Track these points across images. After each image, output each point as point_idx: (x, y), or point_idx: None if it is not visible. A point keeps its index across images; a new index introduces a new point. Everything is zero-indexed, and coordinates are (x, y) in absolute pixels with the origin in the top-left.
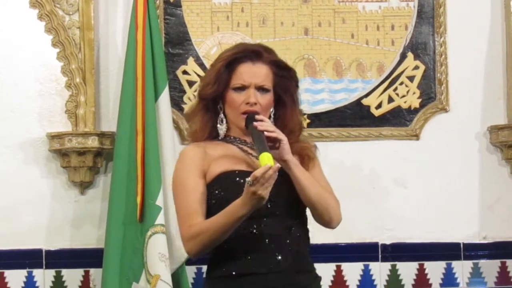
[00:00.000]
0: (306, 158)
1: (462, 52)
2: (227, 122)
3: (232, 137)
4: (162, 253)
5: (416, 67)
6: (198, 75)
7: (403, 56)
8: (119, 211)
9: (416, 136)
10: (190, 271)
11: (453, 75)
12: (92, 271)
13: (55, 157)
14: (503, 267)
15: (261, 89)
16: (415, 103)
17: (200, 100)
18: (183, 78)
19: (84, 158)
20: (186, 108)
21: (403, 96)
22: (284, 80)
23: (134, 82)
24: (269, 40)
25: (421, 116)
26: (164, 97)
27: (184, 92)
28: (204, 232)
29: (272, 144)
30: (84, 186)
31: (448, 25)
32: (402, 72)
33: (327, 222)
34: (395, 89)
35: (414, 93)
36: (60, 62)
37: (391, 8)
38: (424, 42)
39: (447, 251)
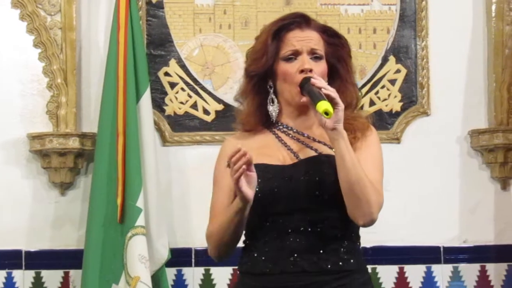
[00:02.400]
0: (352, 136)
1: (444, 56)
2: (278, 103)
3: (279, 124)
4: (142, 254)
5: (398, 71)
6: (180, 77)
7: (385, 60)
8: (100, 213)
9: (397, 140)
10: (170, 273)
11: (435, 79)
12: (72, 272)
13: (35, 158)
14: (483, 271)
15: (314, 55)
16: (397, 107)
17: (250, 79)
18: (164, 80)
19: (64, 159)
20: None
21: (385, 99)
22: (337, 48)
23: (115, 83)
24: (251, 42)
25: (403, 120)
26: (146, 99)
27: (165, 93)
28: (212, 234)
29: None
30: (64, 187)
31: (430, 29)
32: (383, 76)
33: (356, 216)
34: (377, 93)
35: (395, 96)
36: (41, 63)
37: (373, 11)
38: (406, 46)
39: (427, 255)
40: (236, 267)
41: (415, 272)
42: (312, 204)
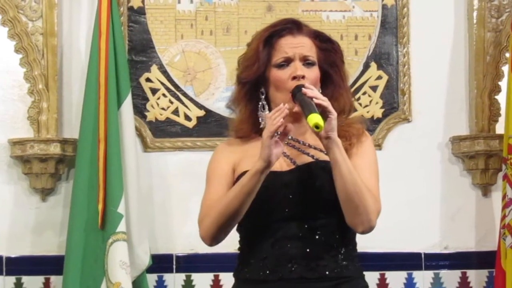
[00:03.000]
0: (347, 143)
1: (425, 62)
2: (269, 110)
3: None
4: (123, 260)
5: (379, 77)
6: (162, 83)
7: (366, 66)
8: (81, 218)
9: (379, 146)
10: (151, 279)
11: (416, 86)
12: (53, 278)
13: (16, 164)
14: (464, 278)
15: (306, 61)
16: (378, 113)
17: (242, 86)
18: (146, 86)
19: (46, 165)
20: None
21: (366, 105)
22: (329, 54)
23: (97, 89)
24: (233, 49)
25: (384, 126)
26: (127, 105)
27: (147, 99)
28: (213, 208)
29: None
30: (45, 193)
31: (412, 35)
32: (365, 82)
33: (355, 224)
34: (358, 99)
35: (377, 103)
36: (22, 68)
37: (354, 18)
38: (387, 52)
39: (408, 261)
40: (217, 273)
41: (396, 279)
42: (310, 210)
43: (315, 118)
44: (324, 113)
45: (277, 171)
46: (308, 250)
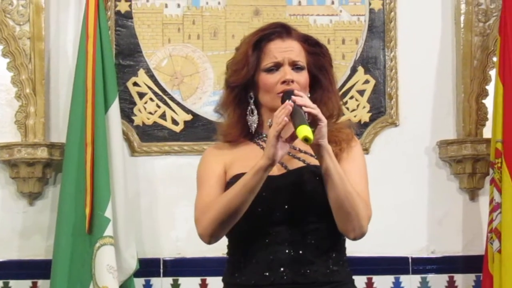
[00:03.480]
0: (337, 148)
1: (412, 66)
2: (258, 114)
3: (262, 135)
4: (110, 264)
5: (367, 81)
6: (149, 87)
7: (353, 70)
8: (68, 223)
9: (366, 150)
10: (139, 283)
11: (403, 90)
12: (40, 282)
13: (4, 168)
14: (451, 282)
15: (295, 66)
16: (365, 117)
17: (230, 90)
18: (133, 90)
19: (33, 169)
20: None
21: (353, 110)
22: (318, 58)
23: (84, 93)
24: (220, 53)
25: (371, 130)
26: (114, 109)
27: (134, 104)
28: (214, 205)
29: (309, 123)
30: (33, 197)
31: (399, 39)
32: (352, 86)
33: (347, 230)
34: (345, 103)
35: (364, 107)
36: (10, 72)
37: (342, 22)
38: (374, 57)
39: (395, 265)
40: (205, 277)
41: (383, 283)
42: (300, 215)
43: (304, 131)
44: (314, 121)
45: (268, 175)
46: (299, 255)
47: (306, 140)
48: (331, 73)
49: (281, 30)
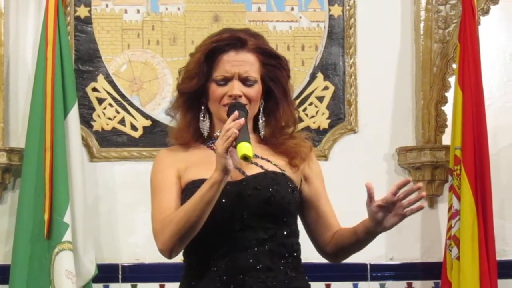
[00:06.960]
0: (297, 158)
1: (372, 73)
2: (210, 118)
3: (214, 139)
4: (69, 270)
5: (326, 88)
6: (108, 93)
7: (312, 77)
8: (27, 228)
9: (325, 157)
10: None
11: (363, 96)
12: None
13: None
14: None
15: (246, 80)
16: (324, 124)
17: (180, 95)
18: (92, 95)
19: None
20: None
21: (312, 116)
22: (273, 70)
23: (43, 98)
24: (180, 59)
25: (330, 137)
26: (73, 114)
27: (93, 109)
28: (172, 220)
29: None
30: None
31: (358, 46)
32: (311, 93)
33: (339, 261)
34: (305, 109)
35: (323, 113)
36: None
37: (301, 28)
38: (334, 63)
39: (354, 272)
40: (163, 283)
41: None
42: (259, 221)
43: (244, 149)
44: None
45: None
46: (258, 261)
47: (245, 158)
48: (287, 84)
49: (236, 43)
